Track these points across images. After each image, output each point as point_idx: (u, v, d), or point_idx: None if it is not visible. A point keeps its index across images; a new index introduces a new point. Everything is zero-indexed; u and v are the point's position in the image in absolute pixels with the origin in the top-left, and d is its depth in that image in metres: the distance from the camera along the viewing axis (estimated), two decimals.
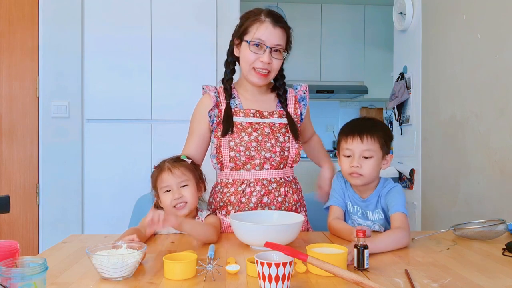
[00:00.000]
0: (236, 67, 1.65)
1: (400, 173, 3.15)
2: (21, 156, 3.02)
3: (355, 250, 1.06)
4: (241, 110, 1.58)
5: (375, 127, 1.44)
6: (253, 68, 1.53)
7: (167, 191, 1.44)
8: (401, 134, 3.19)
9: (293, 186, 1.60)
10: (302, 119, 1.68)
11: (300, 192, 1.66)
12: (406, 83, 3.08)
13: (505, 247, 1.24)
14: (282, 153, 1.55)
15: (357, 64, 4.88)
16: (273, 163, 1.55)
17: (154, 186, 1.48)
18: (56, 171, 3.02)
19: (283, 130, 1.58)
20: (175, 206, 1.43)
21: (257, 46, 1.51)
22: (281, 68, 1.59)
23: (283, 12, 4.33)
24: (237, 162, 1.53)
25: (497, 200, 2.12)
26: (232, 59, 1.63)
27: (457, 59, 2.48)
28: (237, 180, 1.55)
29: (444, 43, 2.62)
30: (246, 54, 1.53)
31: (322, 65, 4.86)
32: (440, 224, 2.62)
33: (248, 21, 1.53)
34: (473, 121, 2.31)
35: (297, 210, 1.60)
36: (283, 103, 1.64)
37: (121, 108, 3.03)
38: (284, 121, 1.60)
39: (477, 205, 2.27)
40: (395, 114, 3.24)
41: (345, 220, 1.50)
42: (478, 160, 2.27)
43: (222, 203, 1.56)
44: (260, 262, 0.89)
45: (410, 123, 3.04)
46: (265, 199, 1.53)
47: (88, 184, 3.04)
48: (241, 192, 1.53)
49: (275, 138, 1.55)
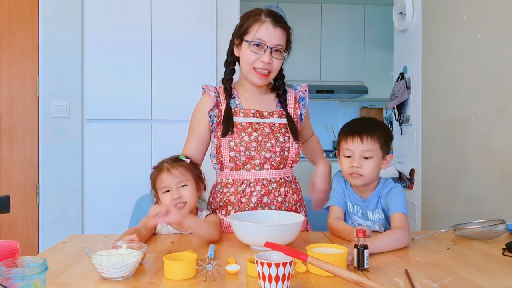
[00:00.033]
0: (236, 67, 1.65)
1: (400, 173, 3.15)
2: (21, 156, 3.02)
3: (355, 250, 1.06)
4: (241, 110, 1.58)
5: (375, 127, 1.44)
6: (254, 68, 1.53)
7: (166, 191, 1.44)
8: (401, 134, 3.19)
9: (293, 186, 1.60)
10: (302, 119, 1.68)
11: (300, 192, 1.66)
12: (406, 83, 3.08)
13: (505, 247, 1.24)
14: (282, 153, 1.55)
15: (357, 64, 4.89)
16: (273, 163, 1.55)
17: (154, 187, 1.48)
18: (56, 171, 3.02)
19: (283, 130, 1.58)
20: (174, 206, 1.43)
21: (258, 46, 1.51)
22: (280, 68, 1.59)
23: (283, 12, 4.32)
24: (237, 162, 1.53)
25: (497, 200, 2.12)
26: (232, 59, 1.63)
27: (457, 59, 2.48)
28: (237, 180, 1.55)
29: (444, 43, 2.62)
30: (246, 54, 1.53)
31: (322, 65, 4.86)
32: (440, 224, 2.62)
33: (249, 21, 1.53)
34: (473, 121, 2.31)
35: (297, 210, 1.60)
36: (283, 103, 1.65)
37: (121, 108, 3.04)
38: (284, 121, 1.60)
39: (477, 205, 2.27)
40: (395, 114, 3.24)
41: (345, 220, 1.50)
42: (478, 160, 2.27)
43: (222, 203, 1.56)
44: (260, 262, 0.89)
45: (410, 123, 3.04)
46: (265, 199, 1.53)
47: (88, 184, 3.04)
48: (241, 192, 1.53)
49: (275, 138, 1.55)
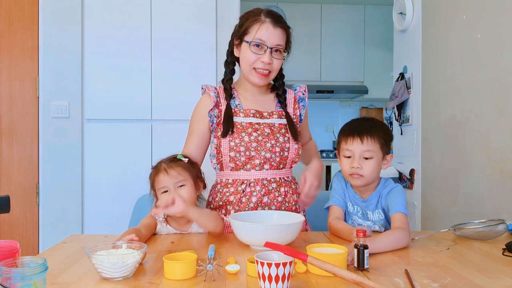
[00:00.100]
0: (236, 67, 1.65)
1: (400, 173, 3.15)
2: (21, 156, 3.02)
3: (355, 250, 1.06)
4: (241, 110, 1.58)
5: (375, 127, 1.44)
6: (254, 68, 1.53)
7: (165, 191, 1.44)
8: (401, 134, 3.19)
9: (292, 187, 1.60)
10: (302, 119, 1.68)
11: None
12: (406, 83, 3.07)
13: (505, 247, 1.24)
14: (281, 154, 1.55)
15: (357, 64, 4.89)
16: (273, 163, 1.55)
17: (152, 186, 1.49)
18: (56, 171, 3.02)
19: (283, 131, 1.58)
20: None
21: (258, 46, 1.51)
22: (280, 68, 1.59)
23: (283, 12, 4.33)
24: (237, 162, 1.53)
25: (497, 200, 2.12)
26: (232, 60, 1.63)
27: (457, 59, 2.48)
28: (237, 180, 1.55)
29: (444, 43, 2.62)
30: (246, 55, 1.53)
31: (322, 65, 4.86)
32: (440, 224, 2.62)
33: (248, 21, 1.53)
34: (473, 121, 2.31)
35: (297, 210, 1.60)
36: (283, 103, 1.65)
37: (121, 108, 3.03)
38: (284, 121, 1.60)
39: (477, 205, 2.26)
40: (395, 114, 3.24)
41: (345, 220, 1.50)
42: (478, 160, 2.27)
43: (221, 203, 1.56)
44: (260, 262, 0.89)
45: (410, 123, 3.04)
46: (265, 199, 1.53)
47: (88, 184, 3.04)
48: (241, 192, 1.53)
49: (275, 138, 1.55)
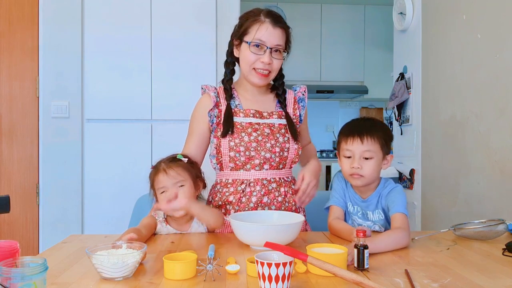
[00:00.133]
0: (236, 68, 1.65)
1: (400, 173, 3.15)
2: (21, 156, 3.02)
3: (355, 250, 1.06)
4: (241, 111, 1.58)
5: (375, 128, 1.44)
6: (254, 68, 1.53)
7: (164, 192, 1.44)
8: (401, 134, 3.19)
9: (292, 187, 1.60)
10: (302, 120, 1.68)
11: None
12: (406, 83, 3.07)
13: (505, 247, 1.24)
14: (281, 154, 1.55)
15: (357, 64, 4.89)
16: (273, 163, 1.55)
17: (152, 186, 1.49)
18: (56, 171, 3.02)
19: (283, 131, 1.58)
20: None
21: (257, 46, 1.51)
22: (280, 68, 1.59)
23: (283, 12, 4.33)
24: (237, 162, 1.53)
25: (497, 200, 2.12)
26: (232, 60, 1.63)
27: (457, 59, 2.47)
28: (237, 180, 1.55)
29: (444, 43, 2.62)
30: (246, 55, 1.53)
31: (322, 65, 4.86)
32: (440, 224, 2.62)
33: (248, 21, 1.53)
34: (473, 121, 2.31)
35: (297, 211, 1.60)
36: (282, 104, 1.64)
37: (121, 108, 3.03)
38: (284, 122, 1.60)
39: (477, 205, 2.26)
40: (395, 114, 3.24)
41: (345, 220, 1.50)
42: (478, 160, 2.27)
43: (221, 203, 1.56)
44: (260, 262, 0.89)
45: (410, 123, 3.04)
46: (265, 199, 1.53)
47: (88, 184, 3.04)
48: (241, 192, 1.53)
49: (275, 138, 1.55)
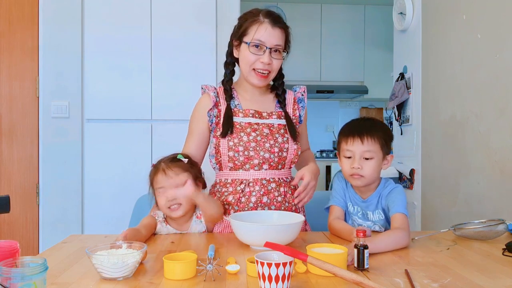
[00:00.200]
0: (236, 68, 1.65)
1: (400, 173, 3.15)
2: (21, 156, 3.02)
3: (355, 250, 1.06)
4: (240, 111, 1.58)
5: (375, 128, 1.44)
6: (253, 69, 1.53)
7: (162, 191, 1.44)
8: (401, 134, 3.18)
9: (292, 187, 1.60)
10: (301, 120, 1.68)
11: None
12: (406, 83, 3.07)
13: (505, 247, 1.24)
14: (280, 154, 1.55)
15: (357, 64, 4.89)
16: (272, 163, 1.55)
17: (152, 185, 1.49)
18: (56, 171, 3.02)
19: (282, 131, 1.58)
20: (169, 207, 1.43)
21: (257, 47, 1.51)
22: (280, 67, 1.59)
23: (283, 12, 4.33)
24: (236, 162, 1.53)
25: (497, 200, 2.12)
26: (232, 60, 1.63)
27: (457, 59, 2.47)
28: (236, 180, 1.55)
29: (444, 43, 2.62)
30: (246, 56, 1.53)
31: (322, 65, 4.86)
32: (440, 224, 2.62)
33: (247, 22, 1.53)
34: (473, 121, 2.31)
35: (297, 210, 1.60)
36: (282, 103, 1.64)
37: (121, 108, 3.03)
38: (283, 122, 1.60)
39: (477, 205, 2.26)
40: (395, 114, 3.24)
41: (345, 220, 1.50)
42: (478, 160, 2.27)
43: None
44: (260, 262, 0.89)
45: (410, 123, 3.04)
46: (264, 199, 1.53)
47: (88, 184, 3.04)
48: (240, 192, 1.53)
49: (274, 138, 1.55)
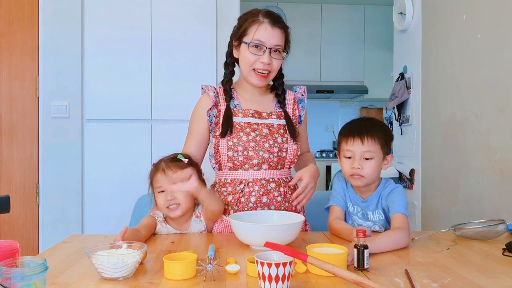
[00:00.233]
0: (236, 68, 1.65)
1: (400, 173, 3.15)
2: (21, 156, 3.02)
3: (355, 250, 1.06)
4: (240, 111, 1.58)
5: (375, 128, 1.44)
6: (253, 69, 1.53)
7: (162, 191, 1.44)
8: (401, 134, 3.18)
9: (291, 187, 1.60)
10: (301, 121, 1.68)
11: None
12: (406, 83, 3.07)
13: (505, 247, 1.24)
14: (279, 154, 1.55)
15: (357, 64, 4.89)
16: (271, 163, 1.55)
17: (151, 184, 1.49)
18: (56, 171, 3.02)
19: (281, 131, 1.58)
20: (168, 207, 1.43)
21: (257, 47, 1.51)
22: (279, 67, 1.59)
23: (283, 12, 4.33)
24: (235, 162, 1.53)
25: (497, 200, 2.12)
26: (231, 61, 1.63)
27: (457, 59, 2.47)
28: (236, 180, 1.55)
29: (444, 43, 2.62)
30: (245, 56, 1.53)
31: (322, 65, 4.86)
32: (440, 224, 2.62)
33: (247, 22, 1.53)
34: (473, 121, 2.31)
35: (297, 210, 1.60)
36: (282, 103, 1.64)
37: (121, 108, 3.03)
38: (283, 122, 1.60)
39: (477, 205, 2.26)
40: (395, 114, 3.24)
41: (345, 220, 1.50)
42: (478, 160, 2.27)
43: None
44: (260, 262, 0.89)
45: (410, 123, 3.04)
46: (264, 199, 1.53)
47: (88, 184, 3.04)
48: (240, 191, 1.53)
49: (273, 138, 1.55)
